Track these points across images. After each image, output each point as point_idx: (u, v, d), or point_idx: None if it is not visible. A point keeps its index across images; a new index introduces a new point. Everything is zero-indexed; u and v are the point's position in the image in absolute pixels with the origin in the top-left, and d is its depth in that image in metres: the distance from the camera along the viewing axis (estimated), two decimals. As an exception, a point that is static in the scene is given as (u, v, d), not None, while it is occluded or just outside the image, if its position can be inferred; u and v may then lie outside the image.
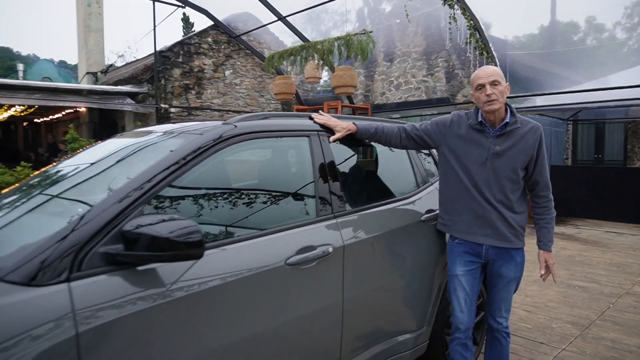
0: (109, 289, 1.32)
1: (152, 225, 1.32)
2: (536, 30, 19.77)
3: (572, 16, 20.35)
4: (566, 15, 20.15)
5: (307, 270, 1.79)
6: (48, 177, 2.00)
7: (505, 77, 6.96)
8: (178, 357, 1.43)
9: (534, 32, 19.87)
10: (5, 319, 1.15)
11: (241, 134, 1.80)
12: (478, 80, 2.14)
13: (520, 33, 19.66)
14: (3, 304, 1.16)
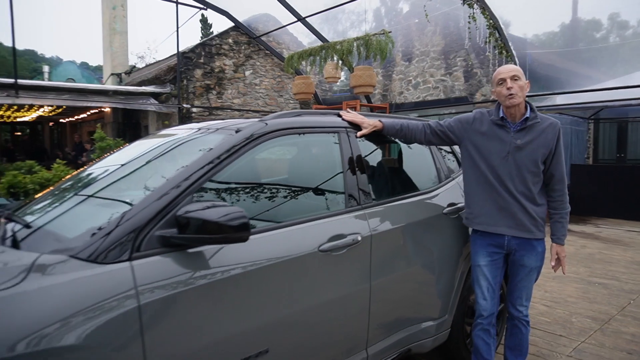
0: (164, 268, 1.47)
1: (203, 210, 1.46)
2: (557, 28, 19.49)
3: (595, 13, 19.99)
4: (588, 13, 19.82)
5: (338, 256, 1.92)
6: (103, 169, 2.18)
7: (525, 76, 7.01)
8: (223, 330, 1.57)
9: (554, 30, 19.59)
10: (78, 291, 1.30)
11: (277, 130, 1.95)
12: (499, 75, 2.25)
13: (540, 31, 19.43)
14: (76, 277, 1.32)
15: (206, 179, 1.67)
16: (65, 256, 1.37)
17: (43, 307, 1.23)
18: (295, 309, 1.79)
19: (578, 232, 7.32)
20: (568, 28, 17.26)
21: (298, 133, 2.06)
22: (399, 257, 2.24)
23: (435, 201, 2.55)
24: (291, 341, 1.79)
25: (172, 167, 1.84)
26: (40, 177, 4.59)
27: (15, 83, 8.54)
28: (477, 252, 2.41)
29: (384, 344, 2.22)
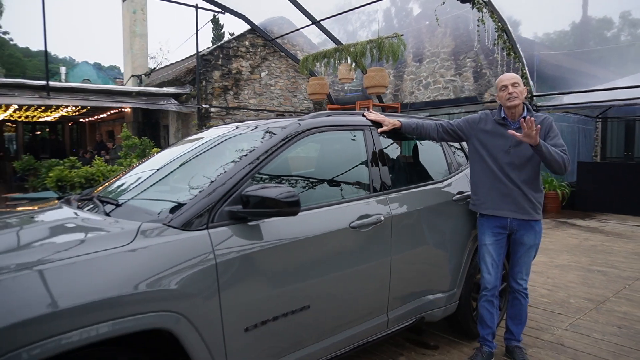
0: (231, 236, 1.88)
1: (263, 189, 1.86)
2: (567, 27, 19.59)
3: (606, 12, 20.02)
4: (599, 11, 19.87)
5: (365, 232, 2.32)
6: (166, 158, 2.60)
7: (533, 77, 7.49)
8: (274, 287, 1.97)
9: (565, 29, 19.69)
10: (175, 249, 1.71)
11: (314, 127, 2.35)
12: (502, 82, 2.64)
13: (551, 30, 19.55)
14: (173, 239, 1.73)
15: (261, 167, 2.08)
16: (160, 224, 1.78)
17: (150, 260, 1.64)
18: (331, 274, 2.18)
19: (582, 227, 7.63)
20: (578, 27, 17.41)
21: (330, 130, 2.46)
22: (414, 236, 2.63)
23: (446, 189, 2.93)
24: (327, 301, 2.19)
25: (228, 157, 2.25)
26: (85, 172, 5.04)
27: (47, 85, 9.06)
28: (484, 232, 2.79)
29: (402, 311, 2.61)
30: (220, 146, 2.57)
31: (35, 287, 1.41)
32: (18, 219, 2.14)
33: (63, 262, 1.49)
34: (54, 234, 1.85)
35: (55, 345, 1.38)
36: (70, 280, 1.46)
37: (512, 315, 2.86)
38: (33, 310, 1.36)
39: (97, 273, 1.52)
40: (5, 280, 1.40)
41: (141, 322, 1.55)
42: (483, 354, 2.79)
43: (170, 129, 12.02)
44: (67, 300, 1.42)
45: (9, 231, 1.89)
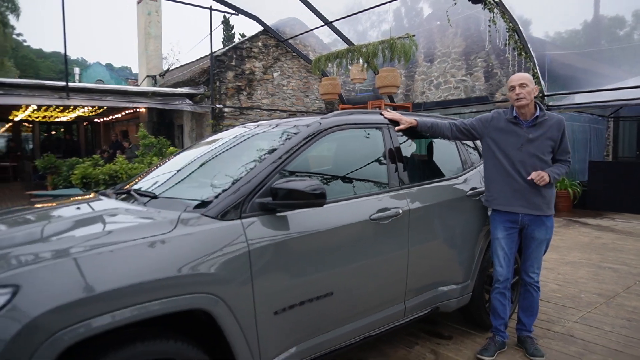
0: (261, 225, 2.02)
1: (291, 182, 2.00)
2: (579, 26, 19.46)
3: (618, 10, 19.83)
4: (611, 10, 19.69)
5: (384, 225, 2.46)
6: (195, 154, 2.77)
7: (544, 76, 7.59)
8: (300, 274, 2.11)
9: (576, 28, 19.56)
10: (212, 236, 1.86)
11: (336, 125, 2.49)
12: (511, 83, 2.77)
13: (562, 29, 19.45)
14: (210, 228, 1.88)
15: (288, 162, 2.22)
16: (198, 214, 1.94)
17: (191, 246, 1.80)
18: (352, 263, 2.32)
19: (594, 225, 7.67)
20: (590, 25, 17.30)
21: (351, 128, 2.60)
22: (430, 229, 2.76)
23: (460, 185, 3.06)
24: (349, 288, 2.33)
25: (255, 153, 2.41)
26: (109, 169, 5.23)
27: (67, 86, 9.31)
28: (496, 227, 2.91)
29: (418, 300, 2.74)
30: (245, 143, 2.73)
31: (97, 267, 1.57)
32: (67, 208, 2.32)
33: (117, 246, 1.66)
34: (105, 222, 2.02)
35: (111, 320, 1.54)
36: (124, 262, 1.62)
37: (524, 307, 2.98)
38: (97, 288, 1.52)
39: (146, 256, 1.68)
40: (72, 260, 1.56)
41: (185, 302, 1.71)
42: (495, 343, 2.91)
43: (184, 129, 12.23)
44: (123, 280, 1.58)
45: (65, 219, 2.06)
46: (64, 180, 7.70)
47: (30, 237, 1.80)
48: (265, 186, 2.09)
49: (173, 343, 1.75)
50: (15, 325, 1.41)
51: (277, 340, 2.05)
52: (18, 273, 1.49)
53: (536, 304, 2.95)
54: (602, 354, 2.92)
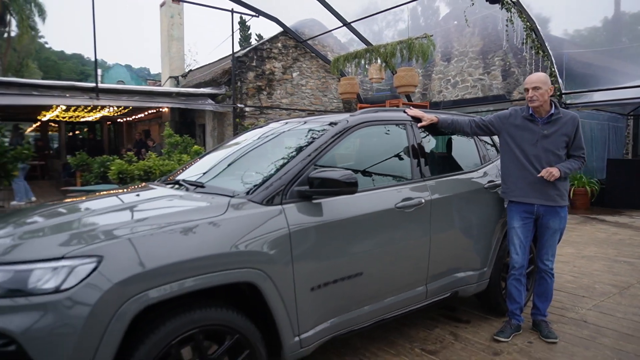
0: (299, 211, 2.27)
1: (327, 172, 2.24)
2: (599, 23, 19.21)
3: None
4: (633, 6, 19.36)
5: (408, 213, 2.68)
6: (234, 148, 3.04)
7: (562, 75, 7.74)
8: (334, 255, 2.35)
9: (596, 25, 19.31)
10: (259, 219, 2.12)
11: (365, 122, 2.73)
12: (525, 85, 2.97)
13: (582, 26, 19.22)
14: (257, 212, 2.14)
15: (322, 155, 2.47)
16: (245, 200, 2.19)
17: (241, 227, 2.05)
18: (379, 247, 2.55)
19: (612, 222, 7.74)
20: (611, 22, 17.10)
21: (378, 124, 2.84)
22: (450, 218, 2.97)
23: (478, 178, 3.26)
24: (376, 269, 2.56)
25: (290, 147, 2.66)
26: (143, 165, 5.57)
27: (96, 87, 9.73)
28: (512, 217, 3.10)
29: (439, 284, 2.96)
30: (278, 138, 2.99)
31: (165, 243, 1.84)
32: (128, 195, 2.61)
33: (182, 225, 1.93)
34: (167, 205, 2.30)
35: (178, 288, 1.80)
36: (188, 239, 1.89)
37: (539, 293, 3.16)
38: (174, 257, 1.81)
39: (205, 234, 1.95)
40: (145, 236, 1.83)
41: (238, 275, 1.97)
42: (512, 326, 3.11)
43: (206, 128, 12.59)
44: (187, 254, 1.85)
45: (131, 203, 2.35)
46: (95, 176, 8.09)
47: (105, 218, 2.09)
48: (303, 176, 2.33)
49: (225, 311, 2.01)
50: (100, 289, 1.68)
51: (313, 313, 2.29)
52: (102, 246, 1.77)
53: (550, 290, 3.14)
54: (613, 337, 3.09)
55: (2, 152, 4.51)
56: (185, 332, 1.87)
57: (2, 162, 4.50)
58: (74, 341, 1.64)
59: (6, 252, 1.80)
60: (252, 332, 2.07)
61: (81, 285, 1.67)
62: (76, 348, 1.64)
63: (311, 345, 2.29)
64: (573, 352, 2.89)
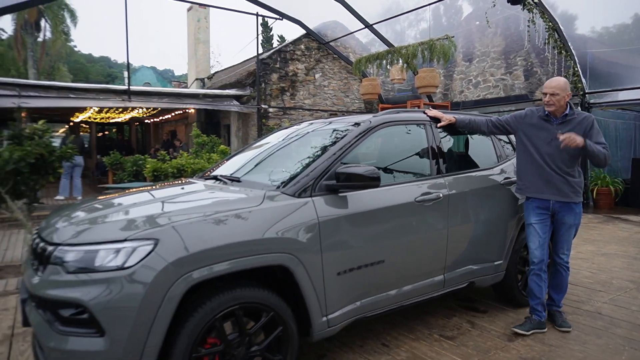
0: (327, 203, 2.51)
1: (352, 167, 2.47)
2: (629, 20, 18.77)
3: (673, 1, 18.94)
4: (664, 2, 18.86)
5: (427, 206, 2.89)
6: (264, 146, 3.31)
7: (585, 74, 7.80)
8: (358, 243, 2.57)
9: (625, 22, 18.88)
10: (290, 211, 2.36)
11: (387, 122, 2.95)
12: (544, 89, 3.11)
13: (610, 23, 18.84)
14: (290, 202, 2.39)
15: (348, 152, 2.70)
16: (279, 192, 2.45)
17: (277, 216, 2.30)
18: (400, 237, 2.77)
19: (635, 222, 7.72)
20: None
21: (399, 124, 3.05)
22: (467, 212, 3.16)
23: (495, 175, 3.44)
24: (397, 258, 2.78)
25: (318, 145, 2.89)
26: (177, 164, 5.91)
27: (129, 89, 10.19)
28: (530, 213, 3.23)
29: (456, 274, 3.15)
30: (306, 137, 3.24)
31: (212, 228, 2.11)
32: (174, 188, 2.91)
33: (226, 213, 2.19)
34: (210, 196, 2.57)
35: (227, 267, 2.07)
36: (231, 225, 2.16)
37: (554, 285, 3.30)
38: (218, 241, 2.08)
39: (246, 222, 2.21)
40: (194, 222, 2.10)
41: (273, 259, 2.22)
42: (533, 322, 3.18)
43: (231, 128, 12.96)
44: (232, 238, 2.11)
45: (178, 194, 2.65)
46: (128, 175, 8.51)
47: (157, 207, 2.37)
48: (330, 171, 2.57)
49: (262, 291, 2.26)
50: (157, 267, 1.96)
51: (339, 296, 2.52)
52: (157, 231, 2.04)
53: (565, 282, 3.28)
54: (626, 328, 3.22)
55: (50, 151, 4.88)
56: (228, 307, 2.13)
57: (50, 160, 4.87)
58: (135, 310, 1.91)
59: (76, 236, 2.09)
60: (285, 310, 2.32)
61: (141, 264, 1.95)
62: (138, 316, 1.91)
63: (337, 325, 2.53)
64: (585, 340, 3.04)
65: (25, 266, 2.44)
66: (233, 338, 2.18)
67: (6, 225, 7.81)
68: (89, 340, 1.92)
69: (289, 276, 2.35)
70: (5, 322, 3.48)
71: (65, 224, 2.28)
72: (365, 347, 2.97)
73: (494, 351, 2.90)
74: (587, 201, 9.57)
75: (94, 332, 1.92)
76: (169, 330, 2.00)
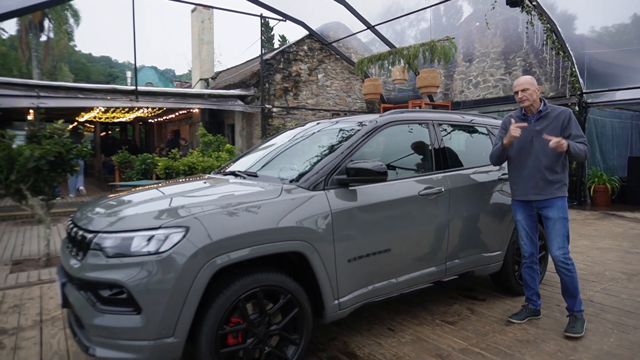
0: (338, 196, 2.73)
1: (361, 162, 2.69)
2: (628, 20, 18.94)
3: (672, 1, 19.08)
4: (664, 3, 19.00)
5: (430, 200, 3.12)
6: (279, 143, 3.54)
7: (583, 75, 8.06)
8: (366, 233, 2.79)
9: (625, 22, 19.05)
10: (306, 203, 2.58)
11: (393, 121, 3.18)
12: (514, 88, 3.20)
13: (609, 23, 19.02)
14: (303, 196, 2.61)
15: (357, 149, 2.92)
16: (295, 186, 2.67)
17: (294, 207, 2.52)
18: (405, 228, 2.99)
19: (630, 218, 7.94)
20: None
21: (404, 123, 3.28)
22: (467, 205, 3.38)
23: (492, 171, 3.66)
24: (402, 247, 3.00)
25: (328, 143, 3.11)
26: (188, 162, 6.14)
27: (136, 90, 10.41)
28: (516, 210, 3.35)
29: (457, 263, 3.38)
30: (315, 136, 3.47)
31: (237, 218, 2.33)
32: (197, 182, 3.14)
33: (248, 204, 2.42)
34: (232, 190, 2.79)
35: (248, 253, 2.29)
36: (253, 215, 2.38)
37: (562, 290, 3.23)
38: (242, 229, 2.30)
39: (266, 212, 2.43)
40: (220, 212, 2.32)
41: (292, 245, 2.45)
42: (527, 310, 3.36)
43: (235, 128, 13.18)
44: (254, 227, 2.33)
45: (203, 187, 2.88)
46: (137, 173, 8.73)
47: (184, 199, 2.59)
48: (341, 166, 2.79)
49: (280, 275, 2.48)
50: (188, 253, 2.18)
51: (350, 281, 2.74)
52: (188, 219, 2.26)
53: (570, 285, 3.13)
54: (615, 314, 3.45)
55: (67, 150, 5.11)
56: (250, 289, 2.35)
57: (68, 158, 5.09)
58: (169, 290, 2.13)
59: (114, 224, 2.32)
60: (300, 293, 2.54)
61: (174, 249, 2.17)
62: (171, 295, 2.13)
63: (348, 308, 2.75)
64: (577, 324, 3.26)
65: (62, 252, 2.66)
66: (254, 318, 2.39)
67: (20, 222, 8.04)
68: (127, 317, 2.14)
69: (304, 263, 2.57)
70: (33, 310, 3.70)
71: (102, 214, 2.50)
72: (372, 331, 3.19)
73: (491, 334, 3.12)
74: (585, 199, 9.80)
75: (132, 310, 2.14)
76: (198, 309, 2.22)
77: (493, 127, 3.97)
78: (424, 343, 2.99)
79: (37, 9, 14.75)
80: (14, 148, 4.94)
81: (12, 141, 5.03)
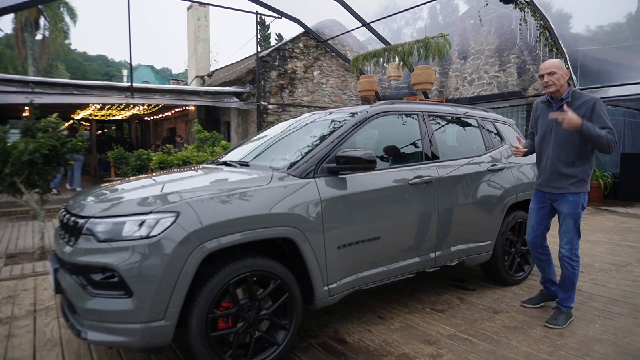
0: (328, 184, 2.77)
1: (351, 151, 2.73)
2: (623, 19, 19.06)
3: (666, 0, 19.20)
4: (657, 2, 19.13)
5: (420, 189, 3.16)
6: (271, 134, 3.58)
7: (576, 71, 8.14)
8: (355, 221, 2.83)
9: (620, 21, 19.16)
10: (296, 190, 2.62)
11: (383, 111, 3.22)
12: (540, 71, 3.09)
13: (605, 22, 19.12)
14: (293, 183, 2.64)
15: (347, 138, 2.96)
16: (285, 174, 2.71)
17: (284, 194, 2.56)
18: (395, 216, 3.04)
19: (622, 213, 8.02)
20: (635, 18, 17.01)
21: (394, 114, 3.32)
22: (456, 194, 3.43)
23: (482, 162, 3.70)
24: (392, 235, 3.04)
25: (320, 132, 3.15)
26: (182, 156, 6.16)
27: (131, 86, 10.41)
28: (533, 199, 3.33)
29: (446, 252, 3.42)
30: (308, 126, 3.51)
31: (227, 204, 2.37)
32: (191, 171, 3.17)
33: (239, 191, 2.45)
34: (225, 177, 2.82)
35: (240, 237, 2.33)
36: (244, 201, 2.41)
37: (560, 281, 3.23)
38: (232, 214, 2.34)
39: (259, 198, 2.47)
40: (211, 198, 2.36)
41: (282, 231, 2.49)
42: (543, 296, 3.42)
43: (231, 125, 13.20)
44: (244, 212, 2.37)
45: (196, 176, 2.91)
46: (132, 169, 8.74)
47: (176, 185, 2.63)
48: (331, 155, 2.83)
49: (269, 261, 2.52)
50: (178, 237, 2.21)
51: (339, 268, 2.78)
52: (178, 205, 2.29)
53: (568, 280, 3.13)
54: (602, 302, 3.50)
55: (62, 144, 5.13)
56: (241, 274, 2.39)
57: (62, 151, 5.12)
58: (160, 274, 2.16)
59: (106, 210, 2.35)
60: (290, 279, 2.58)
61: (165, 233, 2.20)
62: (161, 278, 2.17)
63: (337, 294, 2.79)
64: (564, 312, 3.31)
65: (54, 240, 2.69)
66: (245, 302, 2.43)
67: (14, 218, 8.05)
68: (118, 300, 2.18)
69: (294, 249, 2.62)
70: (27, 300, 3.73)
71: (94, 200, 2.53)
72: (362, 319, 3.24)
73: (480, 321, 3.17)
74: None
75: (123, 294, 2.17)
76: (189, 293, 2.26)
77: (484, 120, 4.02)
78: (413, 330, 3.04)
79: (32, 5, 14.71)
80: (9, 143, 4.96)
81: (6, 135, 5.03)
